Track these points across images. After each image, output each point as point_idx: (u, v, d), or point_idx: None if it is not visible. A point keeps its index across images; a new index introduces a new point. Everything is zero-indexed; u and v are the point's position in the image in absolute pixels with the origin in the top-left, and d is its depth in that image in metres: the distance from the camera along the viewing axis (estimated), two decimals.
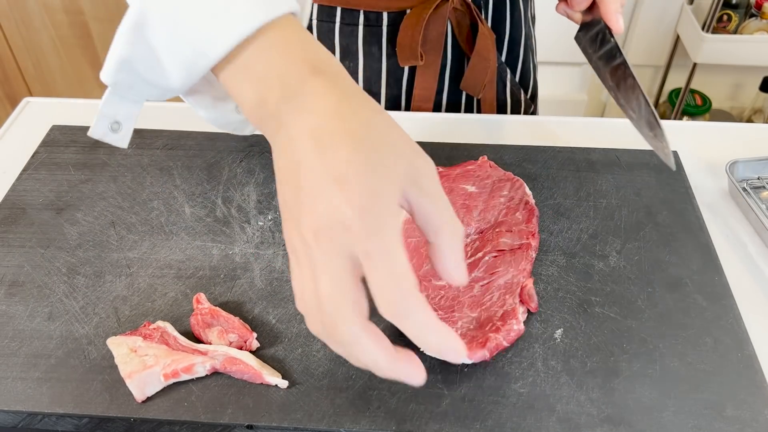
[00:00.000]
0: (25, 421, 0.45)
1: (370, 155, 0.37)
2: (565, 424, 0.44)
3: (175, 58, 0.41)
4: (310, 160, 0.37)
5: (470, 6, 0.71)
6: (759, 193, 0.62)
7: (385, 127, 0.39)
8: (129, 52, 0.41)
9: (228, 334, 0.48)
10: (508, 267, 0.51)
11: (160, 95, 0.44)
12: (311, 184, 0.37)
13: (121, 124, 0.45)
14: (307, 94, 0.38)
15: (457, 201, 0.57)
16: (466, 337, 0.47)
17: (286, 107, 0.39)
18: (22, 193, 0.60)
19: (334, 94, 0.38)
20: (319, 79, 0.39)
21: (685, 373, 0.47)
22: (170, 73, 0.41)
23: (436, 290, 0.50)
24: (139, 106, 0.45)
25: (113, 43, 0.41)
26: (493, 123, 0.71)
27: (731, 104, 2.10)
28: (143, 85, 0.43)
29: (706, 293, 0.52)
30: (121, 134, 0.45)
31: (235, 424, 0.44)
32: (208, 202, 0.59)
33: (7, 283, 0.53)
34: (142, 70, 0.42)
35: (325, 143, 0.37)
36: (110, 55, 0.41)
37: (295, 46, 0.40)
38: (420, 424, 0.44)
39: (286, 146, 0.38)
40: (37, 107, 0.73)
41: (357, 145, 0.37)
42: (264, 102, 0.39)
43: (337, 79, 0.39)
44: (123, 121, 0.45)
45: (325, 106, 0.38)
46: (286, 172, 0.38)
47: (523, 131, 0.70)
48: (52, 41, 1.77)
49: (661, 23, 1.92)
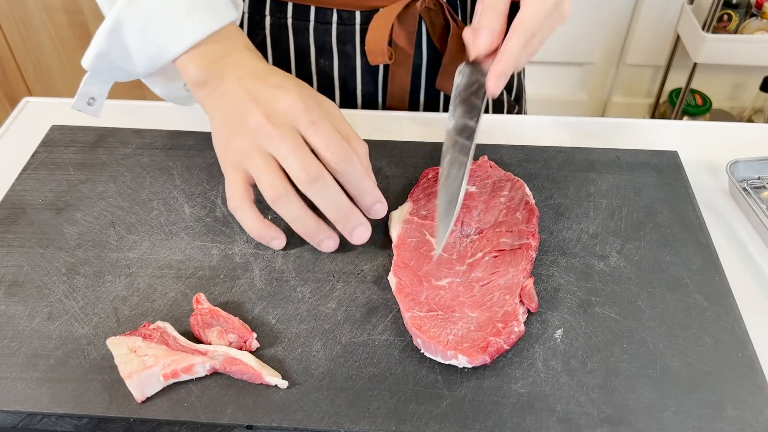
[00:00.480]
0: (25, 421, 0.45)
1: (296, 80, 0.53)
2: (565, 425, 0.44)
3: (143, 54, 0.55)
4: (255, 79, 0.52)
5: (443, 6, 0.71)
6: (759, 193, 0.62)
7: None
8: (106, 48, 0.54)
9: (228, 334, 0.48)
10: (508, 267, 0.51)
11: (126, 77, 0.59)
12: (255, 93, 0.51)
13: (96, 99, 0.60)
14: (240, 56, 0.55)
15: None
16: (467, 339, 0.47)
17: (223, 64, 0.54)
18: (22, 193, 0.60)
19: (261, 60, 0.56)
20: (250, 52, 0.56)
21: (685, 373, 0.47)
22: (137, 63, 0.56)
23: (436, 290, 0.50)
24: (109, 85, 0.60)
25: (93, 38, 0.54)
26: (493, 123, 0.71)
27: (731, 104, 2.10)
28: (115, 70, 0.57)
29: (706, 293, 0.52)
30: (95, 107, 0.60)
31: (235, 424, 0.44)
32: (207, 202, 0.59)
33: (6, 283, 0.53)
34: (115, 61, 0.56)
35: (260, 76, 0.53)
36: (90, 48, 0.55)
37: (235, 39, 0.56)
38: (420, 425, 0.44)
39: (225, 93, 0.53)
40: (36, 107, 0.73)
41: (285, 75, 0.54)
42: (204, 74, 0.54)
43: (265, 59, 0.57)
44: (97, 97, 0.60)
45: (255, 62, 0.55)
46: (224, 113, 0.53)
47: (522, 131, 0.70)
48: (52, 41, 1.77)
49: (661, 23, 1.92)
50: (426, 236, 0.54)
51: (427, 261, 0.52)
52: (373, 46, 0.69)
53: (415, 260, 0.52)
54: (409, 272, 0.52)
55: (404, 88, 0.75)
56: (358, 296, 0.52)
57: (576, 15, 0.58)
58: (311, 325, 0.50)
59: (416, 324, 0.48)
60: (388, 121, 0.71)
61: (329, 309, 0.51)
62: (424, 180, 0.59)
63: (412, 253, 0.53)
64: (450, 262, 0.53)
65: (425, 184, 0.59)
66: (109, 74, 0.58)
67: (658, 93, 2.06)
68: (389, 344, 0.48)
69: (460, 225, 0.55)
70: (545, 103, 2.15)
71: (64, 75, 1.85)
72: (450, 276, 0.51)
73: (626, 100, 2.14)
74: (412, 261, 0.52)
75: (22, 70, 1.84)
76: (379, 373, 0.47)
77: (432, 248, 0.53)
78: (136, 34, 0.53)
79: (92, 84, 0.58)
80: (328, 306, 0.51)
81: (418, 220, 0.55)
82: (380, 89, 0.76)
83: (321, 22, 0.72)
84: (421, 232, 0.54)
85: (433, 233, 0.54)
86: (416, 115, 0.72)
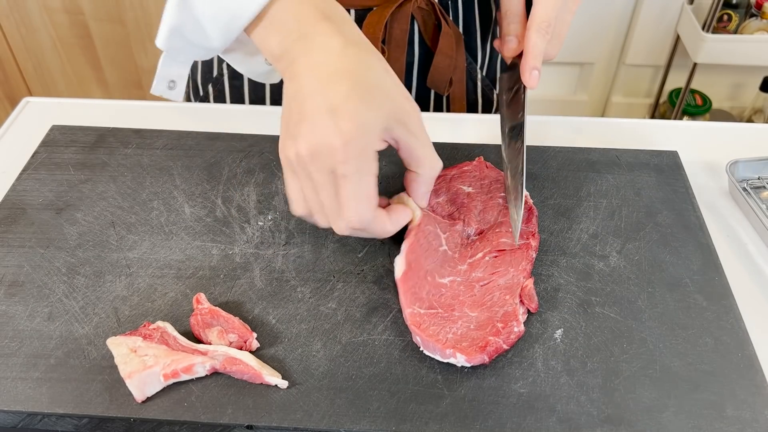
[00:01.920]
0: (25, 421, 0.45)
1: (363, 93, 0.45)
2: (565, 424, 0.44)
3: (215, 23, 0.50)
4: (313, 91, 0.46)
5: (435, 5, 0.73)
6: (759, 193, 0.62)
7: (381, 71, 0.47)
8: (177, 21, 0.50)
9: (228, 334, 0.48)
10: (508, 267, 0.51)
11: (204, 55, 0.54)
12: (311, 112, 0.45)
13: (176, 82, 0.56)
14: (317, 35, 0.47)
15: (456, 201, 0.57)
16: (466, 338, 0.47)
17: (299, 46, 0.47)
18: (22, 193, 0.60)
19: (339, 36, 0.47)
20: (327, 24, 0.47)
21: (685, 373, 0.47)
22: (211, 35, 0.51)
23: (438, 288, 0.50)
24: (188, 66, 0.55)
25: (163, 15, 0.50)
26: (494, 123, 0.71)
27: (731, 104, 2.10)
28: (190, 47, 0.52)
29: (706, 293, 0.52)
30: (176, 91, 0.56)
31: (235, 424, 0.44)
32: (208, 202, 0.59)
33: (6, 283, 0.53)
34: (189, 35, 0.51)
35: (327, 78, 0.46)
36: (162, 25, 0.51)
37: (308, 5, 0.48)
38: (420, 425, 0.44)
39: (295, 77, 0.47)
40: (37, 107, 0.73)
41: (354, 82, 0.45)
42: (283, 47, 0.48)
43: (344, 25, 0.48)
44: (177, 79, 0.56)
45: (331, 47, 0.47)
46: (292, 99, 0.47)
47: None
48: (52, 41, 1.77)
49: (661, 23, 1.92)
50: (437, 230, 0.54)
51: (435, 256, 0.52)
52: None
53: (426, 252, 0.52)
54: (418, 263, 0.51)
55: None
56: (358, 296, 0.52)
57: (576, 15, 0.58)
58: (311, 325, 0.50)
59: (416, 321, 0.48)
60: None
61: (329, 309, 0.51)
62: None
63: (425, 243, 0.53)
64: (453, 261, 0.53)
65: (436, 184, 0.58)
66: (187, 52, 0.54)
67: (658, 93, 2.06)
68: (389, 344, 0.48)
69: (462, 224, 0.55)
70: (545, 103, 2.15)
71: (64, 75, 1.85)
72: (452, 275, 0.51)
73: (626, 100, 2.14)
74: (423, 252, 0.52)
75: (22, 71, 1.84)
76: (379, 373, 0.47)
77: (440, 244, 0.53)
78: (206, 1, 0.49)
79: (170, 65, 0.54)
80: (328, 306, 0.51)
81: (432, 211, 0.55)
82: None
83: None
84: (434, 225, 0.54)
85: (442, 228, 0.54)
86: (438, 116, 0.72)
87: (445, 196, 0.57)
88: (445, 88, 0.77)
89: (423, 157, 0.49)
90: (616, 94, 2.14)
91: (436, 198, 0.57)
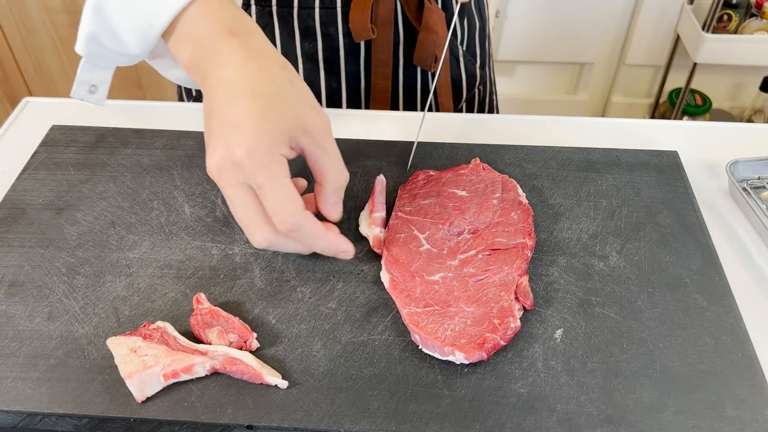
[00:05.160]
0: (25, 421, 0.45)
1: (263, 105, 0.46)
2: (565, 424, 0.44)
3: (130, 31, 0.51)
4: (218, 108, 0.47)
5: None
6: (759, 193, 0.62)
7: (285, 81, 0.48)
8: (93, 29, 0.51)
9: (228, 334, 0.48)
10: (502, 265, 0.51)
11: (127, 61, 0.55)
12: (216, 129, 0.46)
13: (98, 87, 0.57)
14: (222, 52, 0.48)
15: (448, 204, 0.57)
16: (464, 335, 0.47)
17: (206, 63, 0.49)
18: (22, 193, 0.60)
19: (243, 51, 0.48)
20: (232, 39, 0.48)
21: (685, 373, 0.47)
22: (128, 43, 0.52)
23: (429, 285, 0.50)
24: (111, 71, 0.56)
25: (81, 21, 0.51)
26: (493, 123, 0.71)
27: (731, 104, 2.10)
28: (110, 54, 0.54)
29: (706, 293, 0.52)
30: (97, 96, 0.57)
31: (235, 424, 0.44)
32: (208, 202, 0.59)
33: (6, 283, 0.53)
34: (106, 43, 0.52)
35: (230, 94, 0.47)
36: (79, 32, 0.52)
37: (216, 12, 0.49)
38: (420, 425, 0.44)
39: (206, 95, 0.48)
40: (37, 107, 0.73)
41: (254, 96, 0.46)
42: (193, 60, 0.50)
43: (250, 38, 0.49)
44: (99, 84, 0.57)
45: (233, 63, 0.47)
46: (205, 117, 0.48)
47: (522, 131, 0.70)
48: (52, 41, 1.77)
49: (661, 23, 1.92)
50: (414, 231, 0.54)
51: (417, 256, 0.53)
52: (358, 24, 0.73)
53: (406, 256, 0.53)
54: (401, 268, 0.52)
55: (387, 62, 0.79)
56: (358, 296, 0.52)
57: (576, 15, 0.58)
58: (311, 325, 0.50)
59: (413, 320, 0.48)
60: (395, 121, 0.71)
61: (329, 309, 0.51)
62: (413, 182, 0.59)
63: (401, 248, 0.53)
64: (440, 257, 0.53)
65: (412, 185, 0.59)
66: (108, 58, 0.55)
67: (658, 93, 2.06)
68: (389, 344, 0.48)
69: (448, 224, 0.55)
70: (545, 103, 2.16)
71: (64, 75, 1.85)
72: (442, 271, 0.52)
73: (626, 100, 2.14)
74: (402, 257, 0.52)
75: (22, 71, 1.84)
76: (379, 373, 0.47)
77: (420, 244, 0.53)
78: (118, 9, 0.50)
79: (91, 71, 0.56)
80: (328, 306, 0.51)
81: (404, 216, 0.56)
82: (362, 68, 0.80)
83: (304, 7, 0.75)
84: (408, 228, 0.55)
85: (420, 228, 0.54)
86: (438, 116, 0.72)
87: (434, 199, 0.57)
88: (431, 65, 0.78)
89: (328, 168, 0.49)
90: (616, 94, 2.14)
91: (423, 200, 0.57)
